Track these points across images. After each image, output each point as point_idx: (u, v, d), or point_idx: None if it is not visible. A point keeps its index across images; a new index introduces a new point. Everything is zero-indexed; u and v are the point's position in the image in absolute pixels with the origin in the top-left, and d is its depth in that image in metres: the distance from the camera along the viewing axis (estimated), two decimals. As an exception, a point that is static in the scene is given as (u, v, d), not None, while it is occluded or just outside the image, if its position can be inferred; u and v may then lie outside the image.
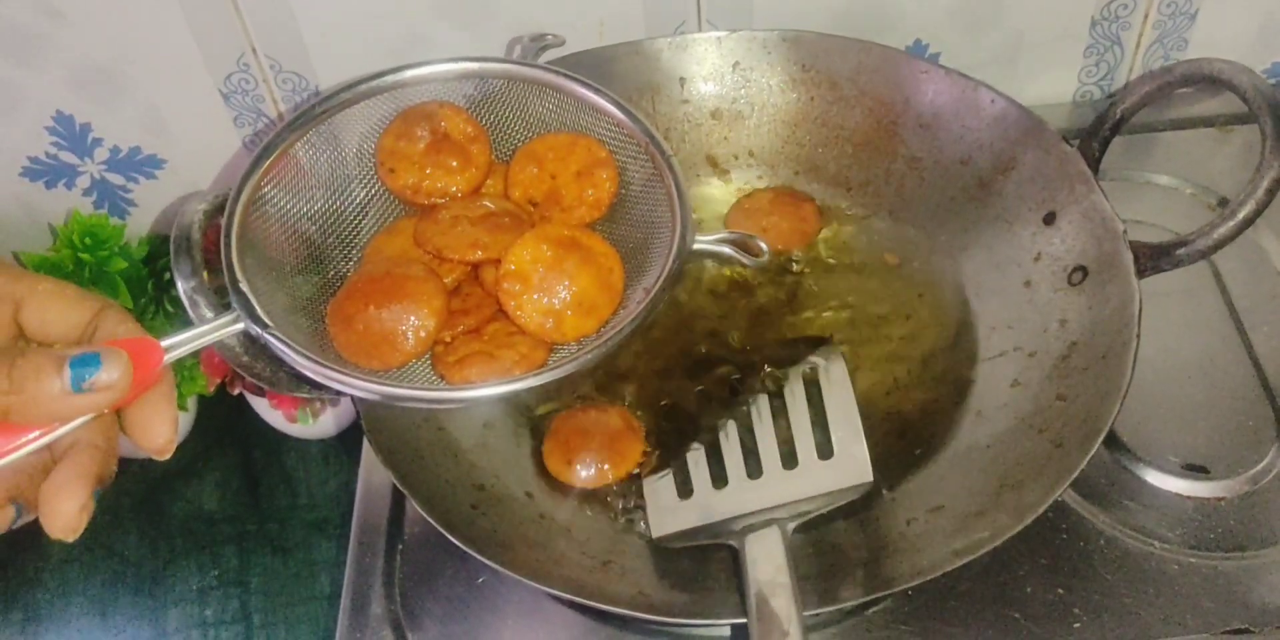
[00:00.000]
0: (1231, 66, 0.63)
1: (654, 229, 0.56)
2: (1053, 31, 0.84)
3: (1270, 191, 0.60)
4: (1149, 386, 0.70)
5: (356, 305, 0.53)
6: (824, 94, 0.76)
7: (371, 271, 0.55)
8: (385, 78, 0.57)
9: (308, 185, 0.57)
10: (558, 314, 0.54)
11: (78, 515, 0.43)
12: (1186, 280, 0.75)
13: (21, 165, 0.83)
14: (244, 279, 0.51)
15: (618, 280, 0.55)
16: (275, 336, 0.50)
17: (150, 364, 0.45)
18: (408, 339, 0.53)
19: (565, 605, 0.65)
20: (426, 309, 0.53)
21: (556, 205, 0.58)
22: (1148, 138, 0.85)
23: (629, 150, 0.57)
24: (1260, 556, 0.64)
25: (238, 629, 0.74)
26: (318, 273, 0.57)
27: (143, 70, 0.78)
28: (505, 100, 0.59)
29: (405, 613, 0.65)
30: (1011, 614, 0.62)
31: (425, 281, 0.54)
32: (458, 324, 0.55)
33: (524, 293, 0.54)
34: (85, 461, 0.44)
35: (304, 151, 0.57)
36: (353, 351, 0.53)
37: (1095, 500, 0.67)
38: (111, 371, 0.43)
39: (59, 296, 0.46)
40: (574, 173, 0.58)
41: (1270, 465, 0.67)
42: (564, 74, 0.58)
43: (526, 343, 0.54)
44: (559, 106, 0.59)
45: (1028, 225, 0.69)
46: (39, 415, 0.43)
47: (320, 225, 0.57)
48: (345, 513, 0.72)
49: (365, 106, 0.58)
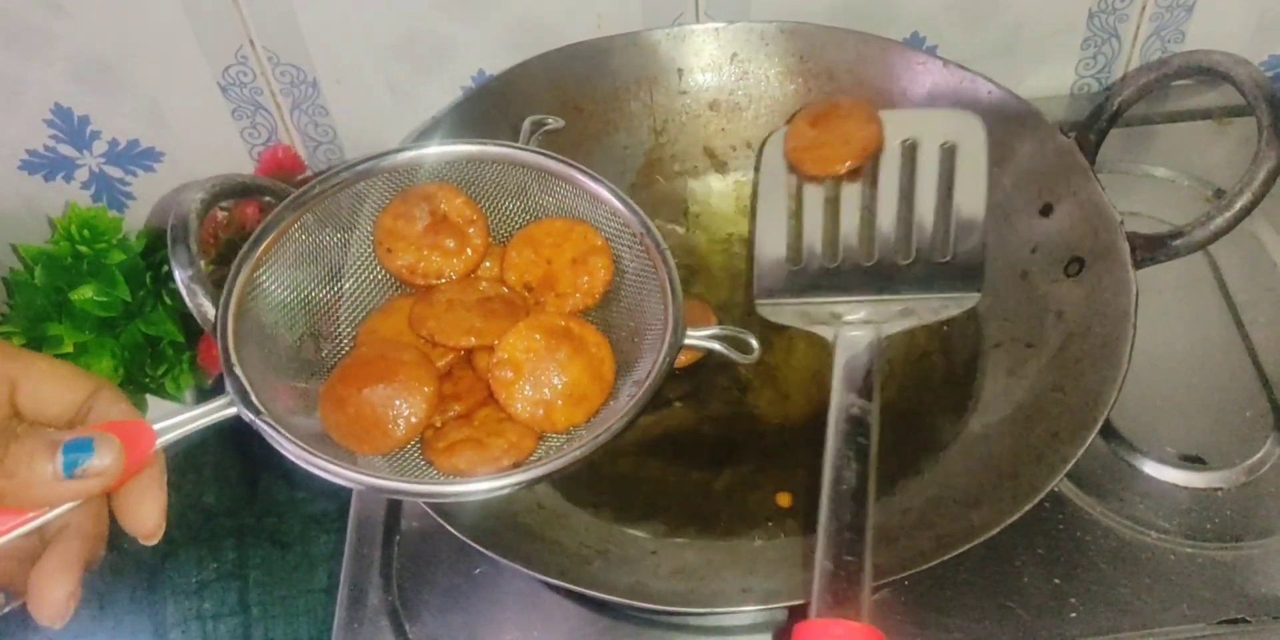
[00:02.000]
0: (1228, 58, 0.63)
1: (645, 319, 0.56)
2: (1050, 24, 0.84)
3: (1266, 183, 0.60)
4: (1146, 377, 0.70)
5: (348, 388, 0.53)
6: (822, 85, 0.76)
7: (365, 354, 0.55)
8: (385, 159, 0.57)
9: (306, 264, 0.57)
10: (548, 404, 0.54)
11: (65, 603, 0.43)
12: (1184, 272, 0.75)
13: (20, 158, 0.83)
14: (239, 363, 0.51)
15: (609, 371, 0.55)
16: (268, 423, 0.50)
17: (142, 448, 0.45)
18: (398, 425, 0.53)
19: (562, 595, 0.65)
20: (418, 395, 0.53)
21: (551, 291, 0.58)
22: (1145, 130, 0.85)
23: (625, 240, 0.57)
24: (1257, 546, 0.64)
25: (236, 621, 0.74)
26: (314, 351, 0.57)
27: (141, 63, 0.78)
28: (504, 184, 0.60)
29: (402, 604, 0.65)
30: (1008, 604, 0.63)
31: (418, 367, 0.54)
32: (449, 408, 0.55)
33: (515, 381, 0.54)
34: (75, 548, 0.44)
35: (302, 232, 0.56)
36: (344, 434, 0.53)
37: (1092, 490, 0.67)
38: (104, 457, 0.43)
39: (54, 376, 0.46)
40: (570, 259, 0.58)
41: (1267, 456, 0.67)
42: (564, 161, 0.58)
43: (516, 431, 0.54)
44: (559, 192, 0.59)
45: (1024, 216, 0.69)
46: (30, 500, 0.43)
47: (317, 304, 0.57)
48: (344, 506, 0.72)
49: (364, 187, 0.58)
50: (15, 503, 0.42)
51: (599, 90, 0.76)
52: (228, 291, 0.53)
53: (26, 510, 0.43)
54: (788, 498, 0.65)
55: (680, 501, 0.65)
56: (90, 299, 0.74)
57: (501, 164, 0.59)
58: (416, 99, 0.83)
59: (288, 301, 0.56)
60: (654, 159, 0.78)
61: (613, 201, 0.57)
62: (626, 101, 0.76)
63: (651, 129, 0.77)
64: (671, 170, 0.78)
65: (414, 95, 0.83)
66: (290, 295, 0.56)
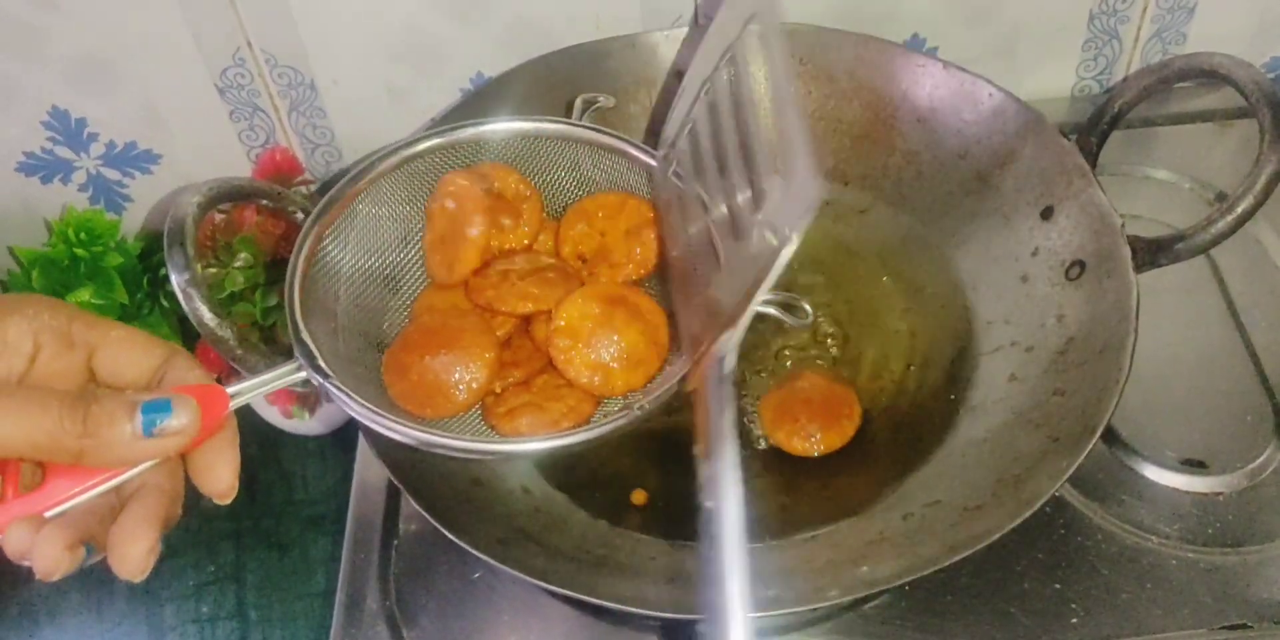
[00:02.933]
0: (1230, 60, 0.63)
1: None
2: (1051, 25, 0.84)
3: (1268, 186, 0.60)
4: (1148, 382, 0.70)
5: (412, 356, 0.55)
6: (821, 87, 0.75)
7: (428, 323, 0.57)
8: (444, 137, 0.59)
9: (365, 239, 0.59)
10: (606, 369, 0.56)
11: (145, 558, 0.45)
12: (1185, 276, 0.75)
13: (18, 160, 0.83)
14: (306, 329, 0.53)
15: (664, 337, 0.57)
16: (337, 387, 0.52)
17: (216, 410, 0.47)
18: (460, 390, 0.55)
19: (560, 600, 0.65)
20: (479, 361, 0.55)
21: (605, 262, 0.60)
22: (1147, 132, 0.85)
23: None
24: (1258, 552, 0.64)
25: (234, 625, 0.74)
26: (373, 324, 0.59)
27: (138, 65, 0.78)
28: (558, 159, 0.61)
29: (400, 608, 0.65)
30: (1009, 609, 0.62)
31: (479, 334, 0.56)
32: (508, 376, 0.57)
33: (573, 348, 0.56)
34: (152, 505, 0.46)
35: (362, 206, 0.58)
36: (407, 400, 0.55)
37: (1093, 495, 0.66)
38: (181, 417, 0.44)
39: (130, 343, 0.48)
40: (623, 231, 0.60)
41: (1268, 461, 0.67)
42: (616, 135, 0.60)
43: (574, 395, 0.56)
44: (611, 166, 0.61)
45: (1025, 219, 0.69)
46: (110, 459, 0.44)
47: (379, 275, 0.59)
48: (342, 509, 0.72)
49: (422, 163, 0.60)
50: (96, 462, 0.44)
51: (597, 92, 0.75)
52: (292, 265, 0.55)
53: (107, 469, 0.45)
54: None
55: (679, 508, 0.65)
56: (87, 302, 0.74)
57: (555, 140, 0.61)
58: (415, 101, 0.83)
59: (350, 271, 0.58)
60: (653, 162, 0.78)
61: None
62: (625, 104, 0.76)
63: (650, 132, 0.77)
64: (671, 173, 0.78)
65: (412, 97, 0.82)
66: (351, 262, 0.58)
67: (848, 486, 0.65)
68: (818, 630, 0.63)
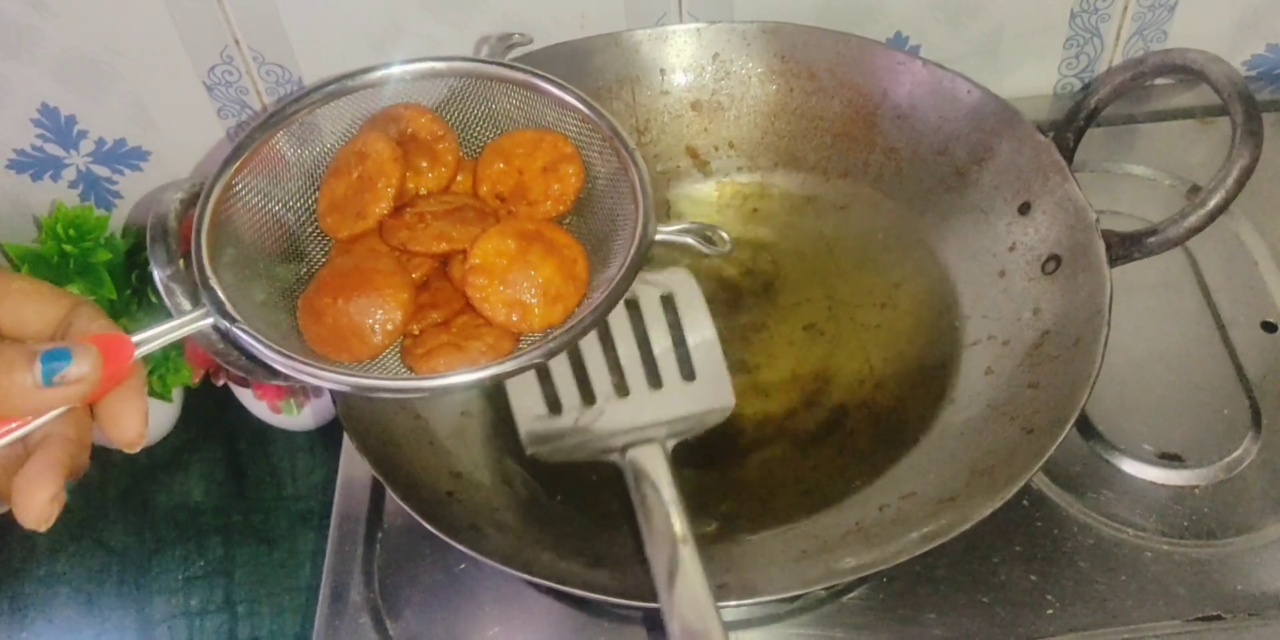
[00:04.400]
0: (1203, 56, 0.63)
1: (619, 222, 0.56)
2: (1033, 24, 0.84)
3: (1240, 180, 0.60)
4: (1125, 375, 0.71)
5: (325, 299, 0.54)
6: (803, 85, 0.76)
7: (340, 266, 0.55)
8: (353, 78, 0.58)
9: (280, 182, 0.58)
10: (524, 306, 0.54)
11: (49, 505, 0.43)
12: (1164, 270, 0.76)
13: (8, 158, 0.83)
14: (214, 274, 0.52)
15: (582, 271, 0.56)
16: (244, 331, 0.50)
17: (121, 358, 0.46)
18: (375, 332, 0.53)
19: (543, 592, 0.65)
20: (393, 302, 0.53)
21: (523, 200, 0.58)
22: (1128, 129, 0.86)
23: (595, 146, 0.58)
24: (1233, 544, 0.64)
25: (222, 618, 0.75)
26: (291, 268, 0.57)
27: (127, 62, 0.79)
28: (473, 98, 0.60)
29: (384, 601, 0.66)
30: (985, 600, 0.63)
31: (392, 275, 0.54)
32: (426, 317, 0.55)
33: (489, 286, 0.55)
34: (57, 453, 0.45)
35: (276, 149, 0.57)
36: (323, 345, 0.54)
37: (1070, 488, 0.67)
38: (82, 365, 0.43)
39: (33, 294, 0.47)
40: (540, 168, 0.58)
41: (1244, 454, 0.68)
42: (530, 71, 0.58)
43: (493, 333, 0.54)
44: (526, 103, 0.59)
45: (1003, 215, 0.69)
46: (11, 409, 0.43)
47: (292, 220, 0.58)
48: (330, 503, 0.72)
49: (336, 106, 0.58)
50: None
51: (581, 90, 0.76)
52: (202, 205, 0.54)
53: (9, 420, 0.44)
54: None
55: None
56: (76, 297, 0.75)
57: (470, 78, 0.59)
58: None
59: (262, 216, 0.56)
60: (637, 159, 0.78)
61: (579, 107, 0.57)
62: (608, 102, 0.77)
63: (634, 129, 0.78)
64: (654, 170, 0.78)
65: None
66: (266, 205, 0.57)
67: (824, 478, 0.65)
68: (796, 621, 0.63)
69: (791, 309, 0.72)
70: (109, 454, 0.81)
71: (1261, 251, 0.77)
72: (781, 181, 0.78)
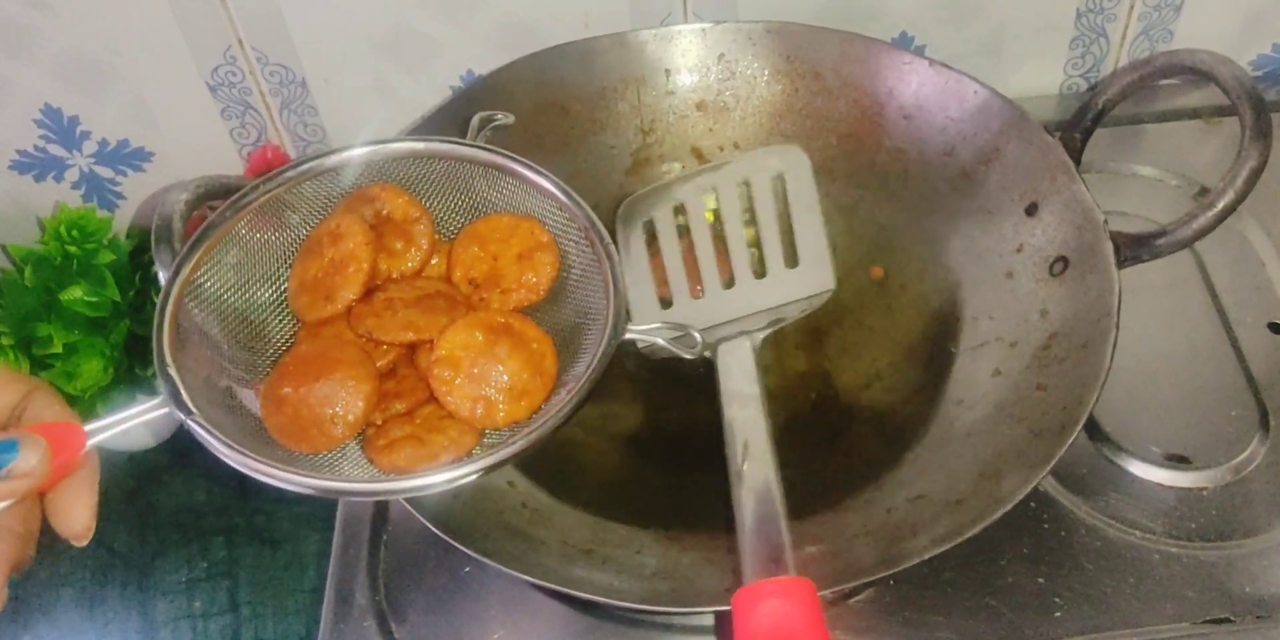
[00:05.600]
0: (1212, 57, 0.63)
1: (590, 315, 0.55)
2: (1038, 23, 0.84)
3: (1249, 181, 0.60)
4: (1132, 377, 0.71)
5: (286, 387, 0.53)
6: (808, 85, 0.76)
7: (303, 353, 0.54)
8: (329, 158, 0.57)
9: (247, 266, 0.56)
10: (489, 401, 0.53)
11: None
12: (1171, 271, 0.75)
13: (10, 159, 0.83)
14: (173, 363, 0.50)
15: (551, 366, 0.55)
16: (199, 424, 0.49)
17: (73, 448, 0.45)
18: (336, 423, 0.52)
19: (548, 594, 0.65)
20: (356, 393, 0.52)
21: (496, 287, 0.57)
22: (1135, 130, 0.86)
23: (571, 235, 0.57)
24: (1241, 546, 0.64)
25: (225, 620, 0.74)
26: (256, 354, 0.56)
27: (130, 63, 0.78)
28: (451, 180, 0.59)
29: (389, 604, 0.66)
30: (993, 603, 0.63)
31: (356, 365, 0.53)
32: (390, 407, 0.54)
33: (455, 379, 0.54)
34: (2, 549, 0.44)
35: (244, 232, 0.56)
36: (284, 434, 0.52)
37: (1077, 490, 0.67)
38: (29, 458, 0.43)
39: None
40: (515, 254, 0.58)
41: (1252, 455, 0.68)
42: (507, 155, 0.57)
43: (456, 427, 0.53)
44: (504, 188, 0.58)
45: (1010, 216, 0.69)
46: None
47: (259, 305, 0.57)
48: (333, 505, 0.72)
49: (308, 187, 0.57)
50: None
51: (586, 91, 0.76)
52: (165, 292, 0.52)
53: None
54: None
55: (665, 502, 0.66)
56: (80, 299, 0.74)
57: (446, 160, 0.58)
58: (405, 99, 0.83)
59: (228, 303, 0.55)
60: (641, 159, 0.78)
61: (558, 195, 0.56)
62: (614, 102, 0.77)
63: (639, 129, 0.78)
64: (659, 171, 0.78)
65: (402, 95, 0.83)
66: (231, 297, 0.56)
67: (830, 481, 0.65)
68: (802, 624, 0.63)
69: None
70: (113, 456, 0.81)
71: (1269, 252, 0.77)
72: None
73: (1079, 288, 0.64)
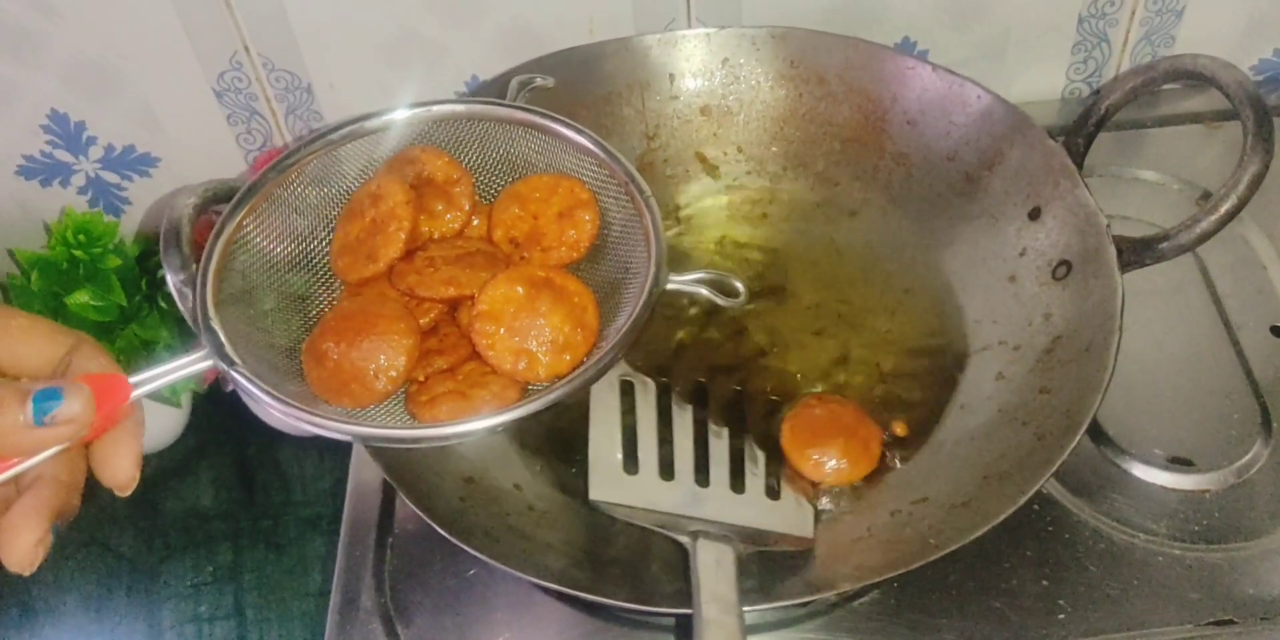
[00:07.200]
0: (1214, 62, 0.63)
1: (631, 270, 0.56)
2: (1040, 28, 0.85)
3: (1251, 186, 0.60)
4: (1135, 380, 0.71)
5: (329, 342, 0.53)
6: (812, 90, 0.76)
7: (345, 309, 0.55)
8: (368, 120, 0.57)
9: (292, 224, 0.57)
10: (531, 354, 0.54)
11: (33, 549, 0.43)
12: (1173, 275, 0.76)
13: (17, 163, 0.84)
14: (216, 316, 0.51)
15: (592, 320, 0.55)
16: (242, 374, 0.49)
17: (117, 399, 0.45)
18: (378, 378, 0.53)
19: (554, 597, 0.65)
20: (397, 347, 0.53)
21: (537, 246, 0.58)
22: (1136, 134, 0.86)
23: (610, 191, 0.57)
24: (1244, 548, 0.64)
25: (231, 624, 0.74)
26: (299, 309, 0.57)
27: (136, 68, 0.79)
28: (490, 141, 0.60)
29: (395, 606, 0.66)
30: (997, 605, 0.63)
31: (398, 320, 0.53)
32: (433, 363, 0.55)
33: (496, 333, 0.54)
34: (46, 496, 0.44)
35: (287, 192, 0.57)
36: (325, 389, 0.53)
37: (1081, 493, 0.67)
38: (73, 405, 0.43)
39: (33, 332, 0.47)
40: (556, 213, 0.58)
41: (1255, 458, 0.68)
42: (547, 115, 0.58)
43: (499, 382, 0.53)
44: (543, 147, 0.59)
45: (1013, 220, 0.69)
46: (3, 449, 0.43)
47: (303, 262, 0.57)
48: (339, 509, 0.72)
49: (350, 148, 0.58)
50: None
51: (591, 95, 0.76)
52: (209, 247, 0.53)
53: (2, 460, 0.43)
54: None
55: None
56: (86, 304, 0.75)
57: (486, 122, 0.59)
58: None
59: (270, 260, 0.56)
60: (646, 164, 0.78)
61: (596, 152, 0.57)
62: (618, 107, 0.77)
63: (643, 134, 0.78)
64: (663, 175, 0.79)
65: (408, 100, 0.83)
66: (275, 248, 0.56)
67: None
68: (806, 626, 0.63)
69: (801, 314, 0.72)
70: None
71: (1270, 256, 0.77)
72: (791, 187, 0.78)
73: (1082, 292, 0.64)
